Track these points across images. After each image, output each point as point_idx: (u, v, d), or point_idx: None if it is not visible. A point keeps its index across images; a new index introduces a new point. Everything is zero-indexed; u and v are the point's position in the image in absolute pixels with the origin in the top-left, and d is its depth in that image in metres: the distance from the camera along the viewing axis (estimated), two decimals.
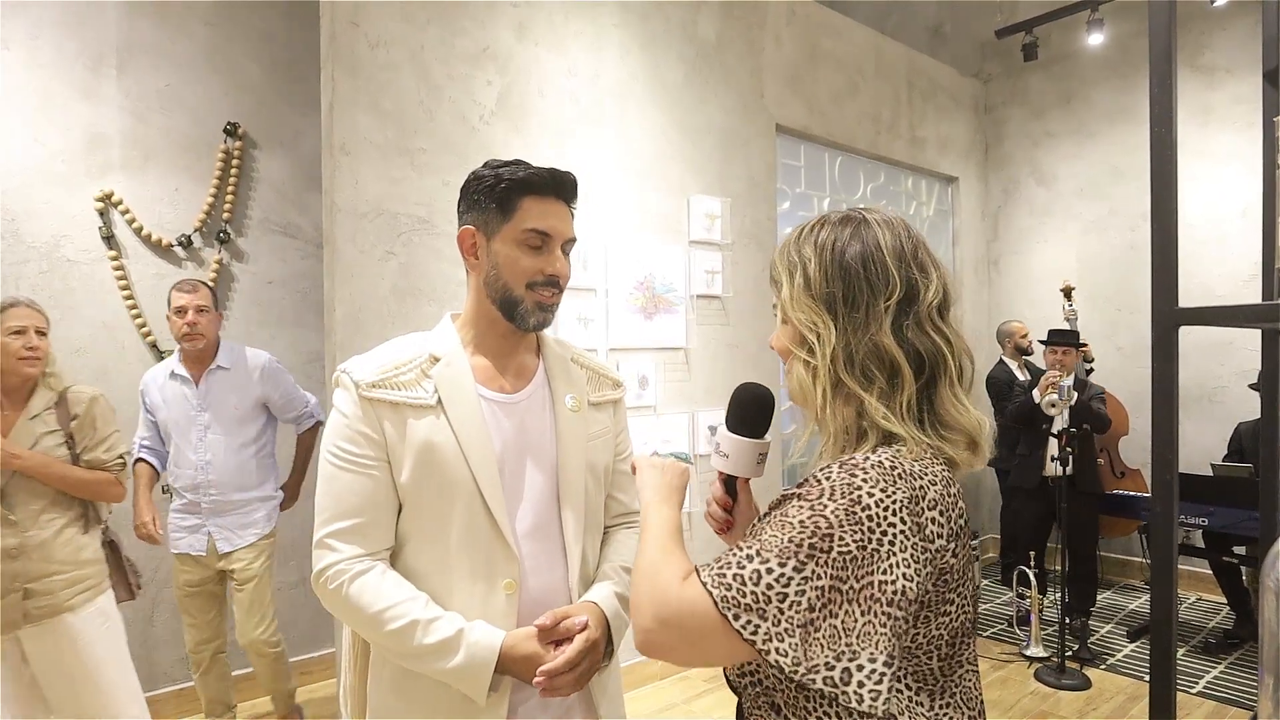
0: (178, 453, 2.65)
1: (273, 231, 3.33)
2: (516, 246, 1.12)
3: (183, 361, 2.66)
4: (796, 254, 0.88)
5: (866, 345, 0.82)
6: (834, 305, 0.84)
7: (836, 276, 0.84)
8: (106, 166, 2.93)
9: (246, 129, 3.23)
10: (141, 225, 3.00)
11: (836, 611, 0.72)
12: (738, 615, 0.72)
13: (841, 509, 0.74)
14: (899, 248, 0.85)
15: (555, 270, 1.14)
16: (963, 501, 0.84)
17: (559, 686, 1.03)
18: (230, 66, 3.19)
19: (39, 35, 2.80)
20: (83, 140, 2.89)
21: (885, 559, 0.73)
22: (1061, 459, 3.45)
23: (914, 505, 0.76)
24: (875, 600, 0.73)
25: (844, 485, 0.75)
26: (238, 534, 2.68)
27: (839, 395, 0.84)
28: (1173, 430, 0.87)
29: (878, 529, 0.73)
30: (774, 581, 0.72)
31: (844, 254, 0.84)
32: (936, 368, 0.83)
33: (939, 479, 0.80)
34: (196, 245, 3.13)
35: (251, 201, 3.27)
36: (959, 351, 0.85)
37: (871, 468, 0.76)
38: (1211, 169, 4.46)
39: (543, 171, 1.13)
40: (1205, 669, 3.44)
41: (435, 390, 1.11)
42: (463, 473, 1.08)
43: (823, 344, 0.83)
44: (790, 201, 4.19)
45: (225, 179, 3.18)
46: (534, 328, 1.15)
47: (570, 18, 3.09)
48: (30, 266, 2.78)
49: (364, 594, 1.04)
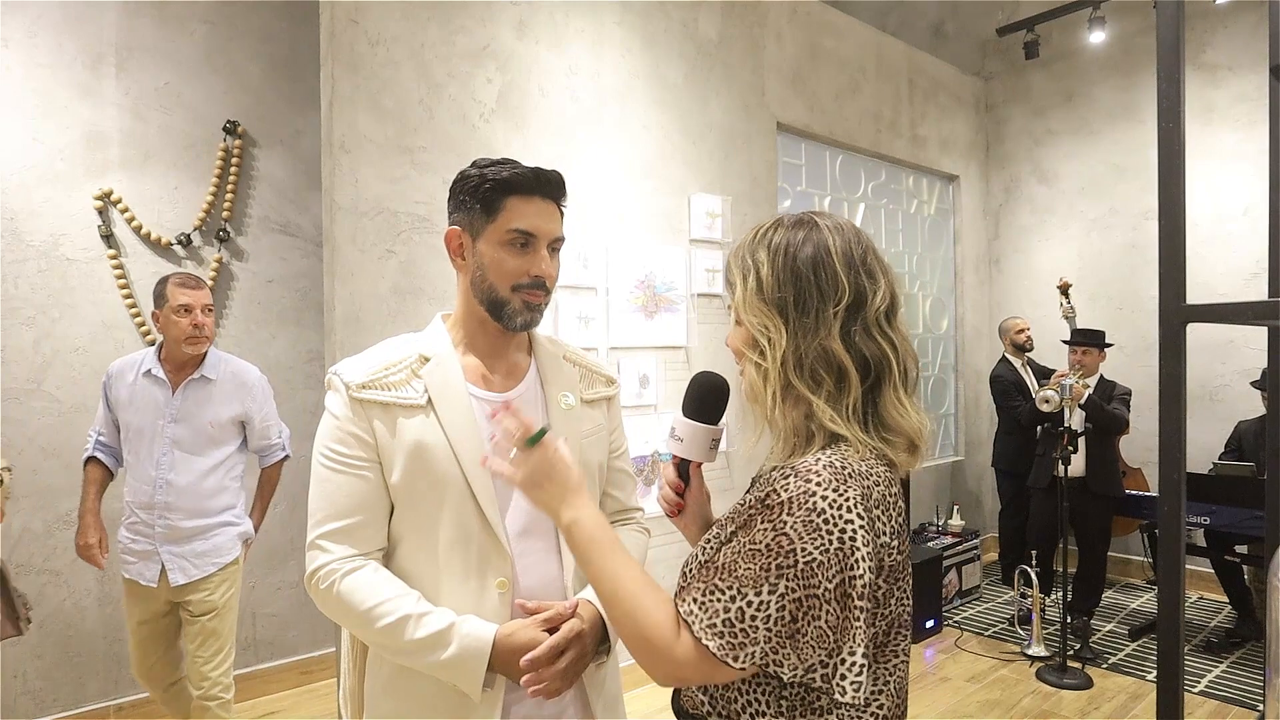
0: (135, 463, 2.34)
1: (272, 230, 3.32)
2: (501, 247, 1.11)
3: (163, 361, 2.38)
4: (750, 257, 0.90)
5: (816, 350, 0.85)
6: (785, 309, 0.86)
7: (789, 281, 0.86)
8: (106, 165, 2.93)
9: (246, 127, 3.22)
10: (141, 224, 2.99)
11: (818, 614, 0.78)
12: (736, 656, 0.79)
13: (800, 521, 0.78)
14: (849, 253, 0.87)
15: (540, 271, 1.12)
16: (902, 501, 0.89)
17: (546, 681, 1.01)
18: (230, 65, 3.19)
19: (38, 34, 2.79)
20: (82, 139, 2.88)
21: (850, 554, 0.78)
22: (1061, 458, 3.44)
23: (866, 502, 0.80)
24: (848, 595, 0.78)
25: (800, 494, 0.79)
26: (194, 563, 2.33)
27: (789, 397, 0.87)
28: (1180, 428, 0.86)
29: (836, 528, 0.78)
30: (756, 612, 0.78)
31: (795, 258, 0.87)
32: (881, 372, 0.86)
33: (882, 480, 0.84)
34: (196, 244, 3.13)
35: (251, 200, 3.26)
36: (904, 356, 0.88)
37: (823, 469, 0.80)
38: (1214, 167, 4.45)
39: (527, 171, 1.11)
40: (1207, 668, 3.44)
41: (425, 390, 1.10)
42: (454, 471, 1.08)
43: (773, 347, 0.86)
44: (791, 200, 4.19)
45: (225, 178, 3.18)
46: (521, 328, 1.14)
47: (571, 16, 3.08)
48: (29, 265, 2.78)
49: (355, 592, 1.04)
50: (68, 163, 2.85)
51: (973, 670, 3.48)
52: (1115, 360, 4.84)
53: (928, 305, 5.14)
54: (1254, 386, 3.85)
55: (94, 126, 2.90)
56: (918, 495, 4.55)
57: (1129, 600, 4.40)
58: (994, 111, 5.54)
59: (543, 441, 0.96)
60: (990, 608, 4.30)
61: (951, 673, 3.46)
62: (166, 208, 3.07)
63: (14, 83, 2.75)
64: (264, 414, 2.53)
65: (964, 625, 4.02)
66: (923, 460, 0.90)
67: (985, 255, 5.57)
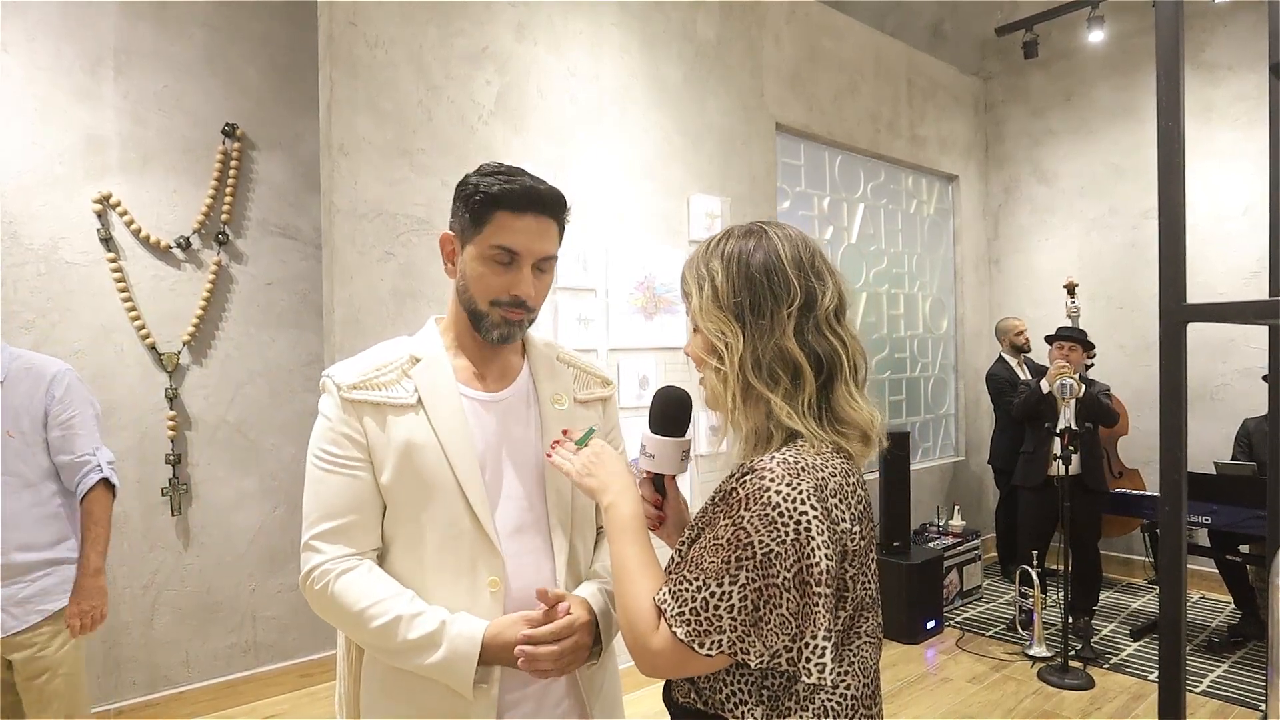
0: None
1: (271, 233, 3.32)
2: (483, 262, 1.09)
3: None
4: (705, 267, 0.95)
5: (772, 349, 0.90)
6: (742, 314, 0.91)
7: (743, 287, 0.91)
8: (105, 168, 2.93)
9: (245, 130, 3.22)
10: (140, 227, 2.99)
11: (779, 602, 0.83)
12: (703, 643, 0.84)
13: (756, 515, 0.83)
14: (798, 257, 0.92)
15: (520, 291, 1.09)
16: (863, 489, 0.94)
17: (539, 659, 1.00)
18: (228, 68, 3.19)
19: (37, 38, 2.79)
20: (81, 142, 2.88)
21: (806, 544, 0.83)
22: (1064, 458, 3.44)
23: (820, 493, 0.85)
24: (805, 583, 0.83)
25: (755, 490, 0.84)
26: (12, 612, 1.88)
27: (749, 399, 0.92)
28: (1181, 428, 0.86)
29: (791, 521, 0.83)
30: (719, 601, 0.84)
31: (749, 265, 0.92)
32: (834, 367, 0.92)
33: (838, 470, 0.89)
34: (195, 247, 3.12)
35: (250, 203, 3.26)
36: (854, 352, 0.94)
37: (777, 465, 0.85)
38: (1214, 167, 4.45)
39: (518, 186, 1.07)
40: (1209, 668, 3.43)
41: (416, 389, 1.11)
42: (444, 471, 1.08)
43: (731, 351, 0.91)
44: (790, 200, 4.19)
45: (224, 180, 3.18)
46: (497, 341, 1.13)
47: (570, 17, 3.08)
48: (29, 269, 2.78)
49: (348, 592, 1.04)
50: (67, 166, 2.85)
51: (974, 671, 3.48)
52: (1114, 360, 4.84)
53: (928, 305, 5.14)
54: (1264, 380, 3.85)
55: (93, 130, 2.90)
56: (918, 495, 4.55)
57: (1130, 600, 4.39)
58: (993, 111, 5.54)
59: (590, 441, 1.09)
60: (991, 608, 4.29)
61: (953, 673, 3.46)
62: (166, 211, 3.06)
63: (13, 87, 2.75)
64: (66, 417, 1.97)
65: (965, 626, 4.01)
66: (876, 449, 0.95)
67: (985, 255, 5.57)
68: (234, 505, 3.20)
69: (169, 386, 3.04)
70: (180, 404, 3.08)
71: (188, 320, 3.09)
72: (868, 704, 0.94)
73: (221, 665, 3.14)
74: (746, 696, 0.89)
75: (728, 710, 0.90)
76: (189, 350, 3.10)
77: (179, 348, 3.07)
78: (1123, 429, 4.58)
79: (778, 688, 0.88)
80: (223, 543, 3.17)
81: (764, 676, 0.88)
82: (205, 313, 3.13)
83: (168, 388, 3.04)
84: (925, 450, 5.10)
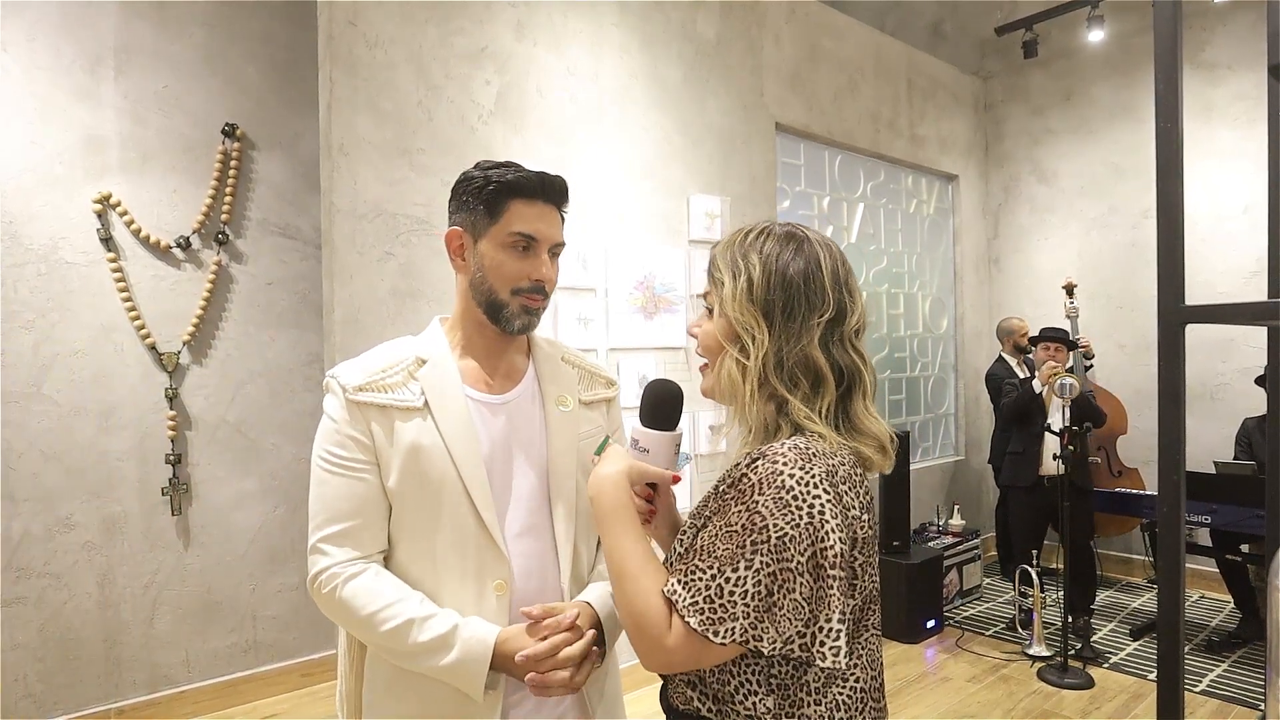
0: None
1: (271, 233, 3.32)
2: (503, 250, 1.11)
3: None
4: (742, 258, 0.95)
5: (797, 355, 0.91)
6: (772, 313, 0.92)
7: (779, 287, 0.92)
8: (104, 168, 2.93)
9: (245, 130, 3.22)
10: (140, 227, 2.99)
11: (793, 586, 0.83)
12: (717, 631, 0.83)
13: (770, 499, 0.83)
14: (835, 271, 0.94)
15: (541, 275, 1.13)
16: (867, 483, 0.96)
17: (549, 682, 1.01)
18: (228, 68, 3.19)
19: (36, 38, 2.79)
20: (81, 142, 2.88)
21: (820, 528, 0.83)
22: (1065, 458, 3.44)
23: (832, 478, 0.86)
24: (820, 566, 0.83)
25: (769, 474, 0.85)
26: None
27: (763, 394, 0.93)
28: (1180, 429, 0.86)
29: (805, 504, 0.83)
30: (734, 587, 0.83)
31: (787, 269, 0.93)
32: (854, 381, 0.94)
33: (846, 461, 0.91)
34: (195, 247, 3.12)
35: (250, 203, 3.26)
36: (871, 370, 0.97)
37: (789, 450, 0.86)
38: (1213, 166, 4.45)
39: (531, 175, 1.12)
40: (1209, 667, 3.43)
41: (422, 392, 1.11)
42: (450, 474, 1.08)
43: (757, 346, 0.92)
44: (790, 200, 4.19)
45: (224, 180, 3.17)
46: (518, 331, 1.15)
47: (569, 17, 3.08)
48: (29, 269, 2.77)
49: (358, 596, 1.04)
50: (66, 166, 2.85)
51: (974, 670, 3.48)
52: (1114, 360, 4.84)
53: (927, 305, 5.14)
54: (1257, 384, 3.85)
55: (93, 130, 2.90)
56: (918, 495, 4.55)
57: (1130, 599, 4.39)
58: (993, 111, 5.54)
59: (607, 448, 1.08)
60: (991, 607, 4.30)
61: (953, 672, 3.46)
62: (165, 210, 3.06)
63: (13, 86, 2.75)
64: None
65: (965, 625, 4.01)
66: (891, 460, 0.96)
67: (985, 255, 5.57)
68: (234, 505, 3.20)
69: (169, 386, 3.04)
70: (180, 404, 3.08)
71: (188, 320, 3.09)
72: (876, 696, 0.94)
73: (222, 665, 3.14)
74: (756, 686, 0.88)
75: (738, 701, 0.89)
76: (189, 350, 3.10)
77: (179, 347, 3.08)
78: (1122, 428, 4.58)
79: (786, 676, 0.88)
80: (223, 542, 3.17)
81: (771, 665, 0.88)
82: (205, 312, 3.13)
83: (168, 387, 3.04)
84: (925, 450, 5.11)
